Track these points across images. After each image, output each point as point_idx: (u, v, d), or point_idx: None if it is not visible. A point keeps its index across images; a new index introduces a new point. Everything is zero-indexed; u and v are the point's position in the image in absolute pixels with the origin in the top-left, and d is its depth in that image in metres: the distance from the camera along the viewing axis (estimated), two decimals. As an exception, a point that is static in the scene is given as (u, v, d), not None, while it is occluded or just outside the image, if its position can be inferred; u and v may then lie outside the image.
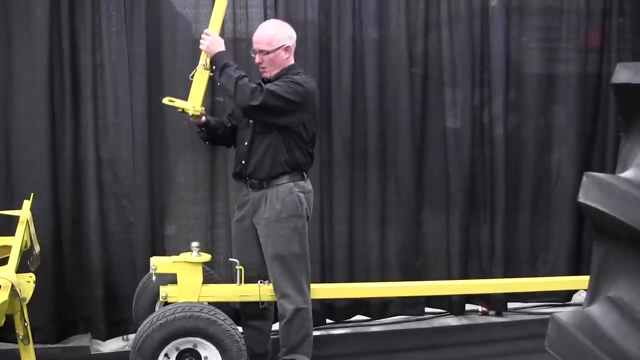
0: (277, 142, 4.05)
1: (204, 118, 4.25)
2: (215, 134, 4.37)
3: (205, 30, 4.14)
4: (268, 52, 4.06)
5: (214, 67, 4.10)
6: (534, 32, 5.48)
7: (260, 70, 4.15)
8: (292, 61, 4.17)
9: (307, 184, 4.22)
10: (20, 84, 4.69)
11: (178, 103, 4.14)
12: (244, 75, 4.00)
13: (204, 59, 4.11)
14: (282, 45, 4.09)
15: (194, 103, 4.12)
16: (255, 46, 4.11)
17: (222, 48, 4.10)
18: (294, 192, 4.10)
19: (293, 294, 4.13)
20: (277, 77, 4.09)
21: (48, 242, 4.64)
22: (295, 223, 4.12)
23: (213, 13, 4.14)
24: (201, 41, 4.12)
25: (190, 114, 4.15)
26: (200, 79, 4.12)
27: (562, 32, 5.46)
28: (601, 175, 1.79)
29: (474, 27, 5.28)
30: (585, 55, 5.47)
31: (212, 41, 4.08)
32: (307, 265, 4.23)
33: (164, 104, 4.25)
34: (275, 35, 4.10)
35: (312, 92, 4.12)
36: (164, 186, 4.97)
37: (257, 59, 4.11)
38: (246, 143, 4.13)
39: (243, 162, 4.16)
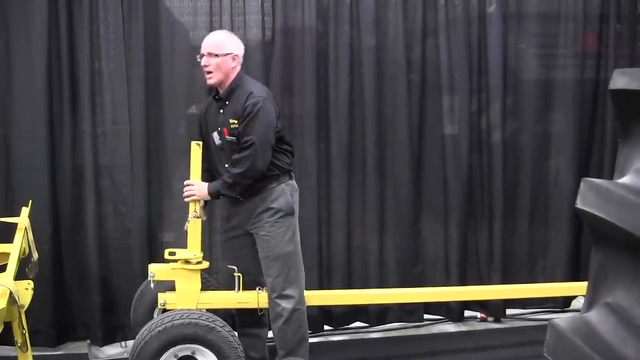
0: None
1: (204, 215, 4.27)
2: None
3: (186, 182, 4.12)
4: (217, 55, 4.05)
5: (223, 195, 4.10)
6: (532, 38, 5.49)
7: (206, 75, 4.10)
8: (237, 71, 4.14)
9: (294, 182, 4.26)
10: (19, 90, 4.71)
11: (179, 254, 4.14)
12: (231, 173, 4.01)
13: (193, 209, 4.10)
14: (231, 53, 4.09)
15: (194, 252, 4.13)
16: (204, 50, 4.09)
17: (206, 185, 4.09)
18: (286, 192, 4.15)
19: (291, 294, 4.14)
20: (228, 92, 4.09)
21: (47, 248, 4.64)
22: (290, 222, 4.16)
23: (191, 163, 4.11)
24: (188, 193, 4.10)
25: (194, 262, 4.14)
26: (194, 228, 4.12)
27: (559, 38, 5.47)
28: (599, 181, 1.79)
29: (472, 33, 5.30)
30: (582, 61, 5.48)
31: (198, 188, 4.09)
32: (302, 264, 4.24)
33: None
34: (225, 42, 4.12)
35: (270, 102, 4.09)
36: (162, 193, 4.98)
37: (204, 62, 4.08)
38: (226, 165, 4.12)
39: None
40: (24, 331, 3.66)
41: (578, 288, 4.91)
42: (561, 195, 5.49)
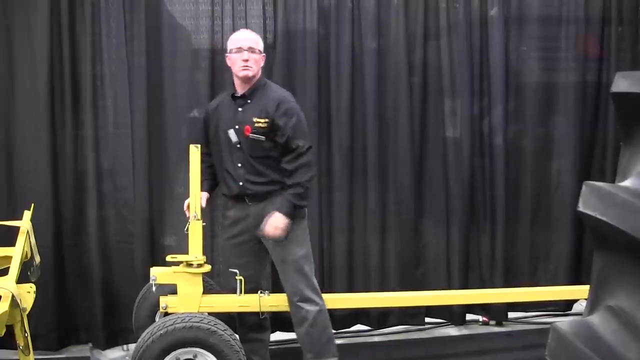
0: (276, 157, 4.09)
1: (204, 200, 4.24)
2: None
3: (263, 229, 4.02)
4: (257, 52, 4.13)
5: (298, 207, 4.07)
6: (533, 41, 5.49)
7: (245, 68, 4.08)
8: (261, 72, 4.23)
9: None
10: (21, 94, 4.71)
11: (181, 258, 4.13)
12: (299, 182, 4.01)
13: (194, 211, 4.06)
14: (263, 53, 4.20)
15: (195, 254, 4.11)
16: (244, 44, 4.10)
17: (278, 214, 4.00)
18: None
19: (312, 296, 4.15)
20: (252, 90, 4.12)
21: (49, 251, 4.64)
22: (302, 224, 4.16)
23: (190, 166, 4.03)
24: (276, 233, 4.01)
25: (195, 265, 4.12)
26: (195, 230, 4.09)
27: (561, 41, 5.47)
28: (600, 184, 1.79)
29: (473, 37, 5.30)
30: (584, 64, 5.48)
31: (276, 221, 3.99)
32: (314, 266, 4.25)
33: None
34: (260, 41, 4.23)
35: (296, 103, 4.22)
36: (163, 196, 4.97)
37: (245, 56, 4.07)
38: (240, 164, 4.11)
39: (241, 183, 4.13)
40: (26, 334, 3.67)
41: (580, 291, 4.90)
42: (563, 198, 5.48)
